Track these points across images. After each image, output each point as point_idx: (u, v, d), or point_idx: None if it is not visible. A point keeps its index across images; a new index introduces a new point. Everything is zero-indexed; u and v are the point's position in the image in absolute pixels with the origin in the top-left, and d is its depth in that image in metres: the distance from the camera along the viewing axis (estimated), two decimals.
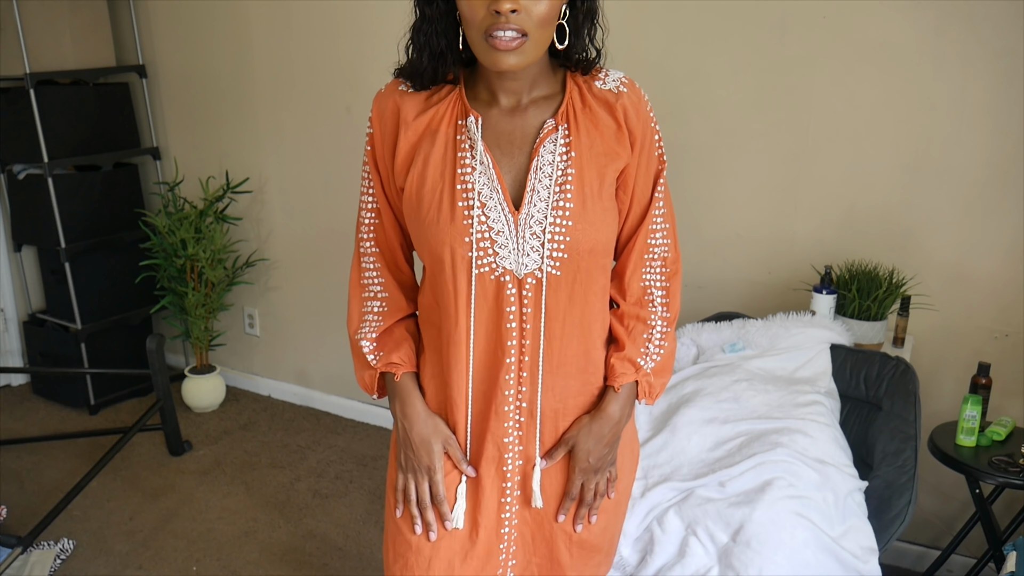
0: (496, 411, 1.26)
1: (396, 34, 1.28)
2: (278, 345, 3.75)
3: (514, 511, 1.31)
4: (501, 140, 1.22)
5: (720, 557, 1.77)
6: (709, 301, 2.71)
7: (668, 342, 1.33)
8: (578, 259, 1.21)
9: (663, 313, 1.32)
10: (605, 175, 1.22)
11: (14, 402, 3.77)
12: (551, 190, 1.20)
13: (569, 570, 1.35)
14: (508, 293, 1.21)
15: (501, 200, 1.20)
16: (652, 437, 2.03)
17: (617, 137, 1.24)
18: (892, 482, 1.93)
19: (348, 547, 2.68)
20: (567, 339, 1.25)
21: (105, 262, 3.64)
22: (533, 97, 1.23)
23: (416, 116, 1.23)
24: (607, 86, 1.25)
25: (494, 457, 1.28)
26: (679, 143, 2.67)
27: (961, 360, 2.40)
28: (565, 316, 1.24)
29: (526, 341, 1.23)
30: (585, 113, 1.23)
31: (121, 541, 2.73)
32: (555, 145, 1.21)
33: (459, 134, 1.22)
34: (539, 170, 1.20)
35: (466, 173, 1.20)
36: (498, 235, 1.20)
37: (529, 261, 1.20)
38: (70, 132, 3.50)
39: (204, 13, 3.50)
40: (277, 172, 3.53)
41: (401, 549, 1.32)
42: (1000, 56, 2.19)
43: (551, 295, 1.22)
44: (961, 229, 2.34)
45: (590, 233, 1.21)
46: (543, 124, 1.22)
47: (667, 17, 2.58)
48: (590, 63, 1.25)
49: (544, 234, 1.19)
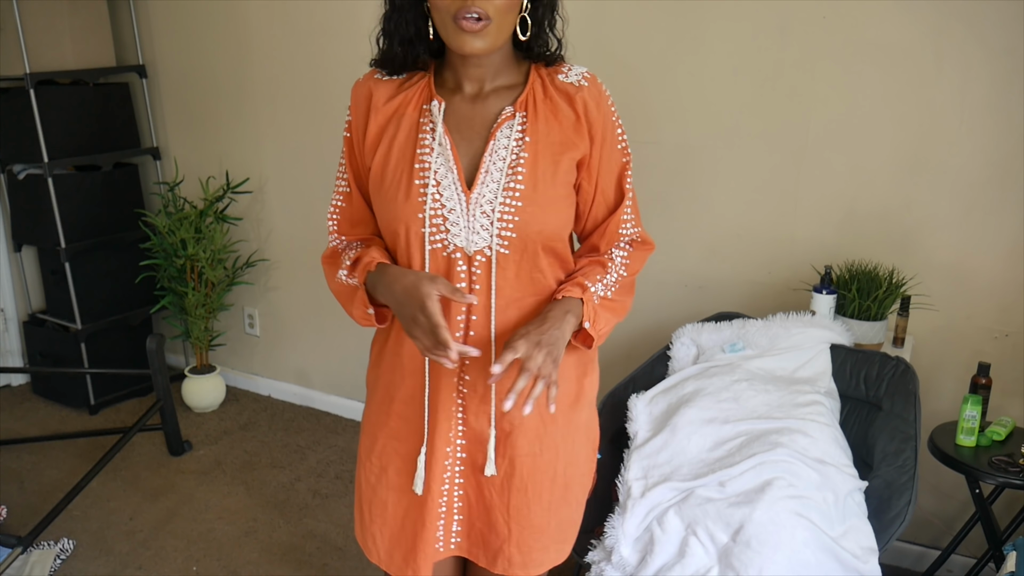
0: (444, 383, 1.33)
1: None
2: (278, 345, 3.75)
3: (457, 474, 1.38)
4: (462, 124, 1.30)
5: (720, 557, 1.77)
6: (709, 301, 2.71)
7: (621, 288, 1.38)
8: (526, 240, 1.28)
9: (620, 270, 1.38)
10: (560, 163, 1.29)
11: (14, 402, 3.77)
12: (504, 172, 1.27)
13: (508, 544, 1.39)
14: (459, 269, 1.28)
15: (455, 180, 1.27)
16: (652, 437, 2.03)
17: (576, 128, 1.30)
18: (892, 482, 1.93)
19: (348, 547, 2.68)
20: (510, 317, 1.31)
21: (105, 262, 3.64)
22: (495, 86, 1.31)
23: (387, 101, 1.32)
24: (569, 79, 1.31)
25: (444, 427, 1.35)
26: (679, 143, 2.67)
27: (961, 360, 2.40)
28: (512, 294, 1.30)
29: (474, 316, 1.30)
30: (545, 103, 1.30)
31: (121, 541, 2.73)
32: (511, 131, 1.28)
33: (423, 117, 1.30)
34: (494, 153, 1.28)
35: (425, 154, 1.28)
36: (450, 213, 1.27)
37: (479, 239, 1.27)
38: (70, 132, 3.50)
39: (204, 13, 3.50)
40: (277, 172, 3.53)
41: (377, 510, 1.42)
42: (1000, 56, 2.19)
43: (499, 272, 1.28)
44: (961, 229, 2.34)
45: (539, 216, 1.27)
46: (502, 111, 1.30)
47: (667, 17, 2.58)
48: (553, 55, 1.32)
49: (493, 213, 1.26)
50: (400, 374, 1.37)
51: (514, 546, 1.39)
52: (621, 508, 1.91)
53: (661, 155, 2.70)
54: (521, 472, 1.37)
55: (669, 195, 2.71)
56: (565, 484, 1.41)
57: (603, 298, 1.35)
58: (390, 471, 1.41)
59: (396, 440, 1.40)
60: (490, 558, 1.42)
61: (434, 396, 1.35)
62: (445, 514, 1.41)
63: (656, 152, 2.70)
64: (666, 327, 2.70)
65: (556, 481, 1.40)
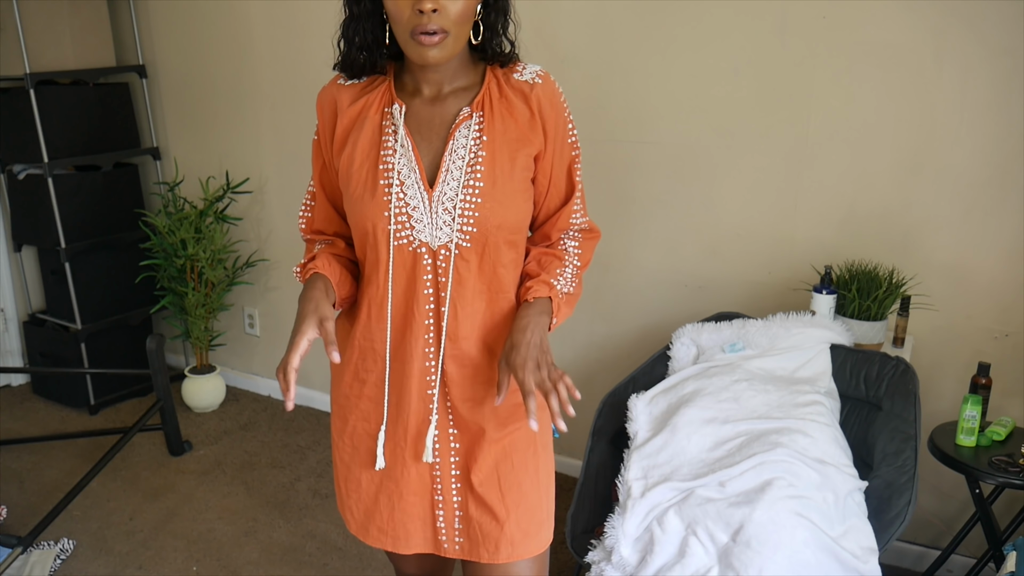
0: (412, 372, 1.38)
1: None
2: (278, 345, 3.75)
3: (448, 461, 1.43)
4: (422, 126, 1.36)
5: (720, 557, 1.77)
6: (709, 301, 2.71)
7: (577, 282, 1.46)
8: (487, 233, 1.33)
9: (574, 260, 1.46)
10: (517, 159, 1.35)
11: (14, 402, 3.77)
12: (463, 171, 1.33)
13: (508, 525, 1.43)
14: (424, 263, 1.35)
15: (418, 179, 1.33)
16: (652, 437, 2.03)
17: (530, 124, 1.36)
18: (892, 482, 1.93)
19: (348, 547, 2.68)
20: (477, 308, 1.37)
21: (105, 262, 3.64)
22: (453, 88, 1.37)
23: (350, 104, 1.39)
24: (524, 77, 1.37)
25: (419, 410, 1.40)
26: (679, 143, 2.67)
27: (961, 360, 2.40)
28: (476, 286, 1.36)
29: (443, 308, 1.36)
30: (501, 102, 1.36)
31: (121, 541, 2.73)
32: (469, 130, 1.34)
33: (384, 120, 1.36)
34: (453, 152, 1.34)
35: (388, 155, 1.34)
36: (414, 210, 1.33)
37: (442, 234, 1.33)
38: (70, 132, 3.50)
39: (204, 13, 3.50)
40: (277, 172, 3.53)
41: (352, 486, 1.49)
42: (1000, 56, 2.19)
43: (463, 265, 1.35)
44: (961, 229, 2.34)
45: (498, 211, 1.33)
46: (460, 111, 1.35)
47: (667, 17, 2.58)
48: (506, 56, 1.38)
49: (455, 210, 1.32)
50: (372, 358, 1.43)
51: (514, 524, 1.43)
52: (621, 508, 1.91)
53: (661, 155, 2.70)
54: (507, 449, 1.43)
55: (669, 195, 2.72)
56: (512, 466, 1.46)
57: (566, 294, 1.42)
58: (361, 450, 1.47)
59: (366, 422, 1.46)
60: (492, 549, 1.44)
61: (407, 380, 1.40)
62: (443, 504, 1.45)
63: (656, 152, 2.70)
64: (666, 327, 2.70)
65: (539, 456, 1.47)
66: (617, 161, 2.77)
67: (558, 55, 2.77)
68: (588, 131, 2.79)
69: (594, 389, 2.78)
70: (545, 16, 2.75)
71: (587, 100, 2.75)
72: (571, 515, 2.14)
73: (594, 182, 2.80)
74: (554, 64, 2.78)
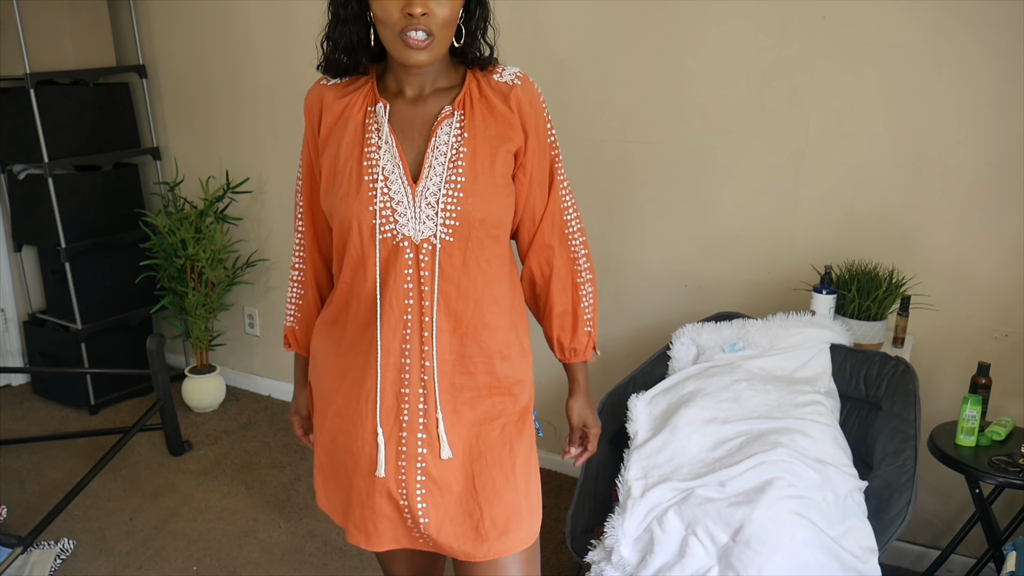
0: (396, 364, 1.40)
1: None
2: (278, 345, 3.75)
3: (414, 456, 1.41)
4: (405, 125, 1.40)
5: (720, 557, 1.77)
6: (709, 301, 2.72)
7: (595, 301, 1.58)
8: (469, 227, 1.37)
9: (588, 276, 1.56)
10: (497, 155, 1.39)
11: (14, 402, 3.77)
12: (445, 166, 1.37)
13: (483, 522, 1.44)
14: (406, 257, 1.37)
15: (402, 175, 1.37)
16: (652, 437, 2.03)
17: (510, 123, 1.41)
18: (892, 482, 1.93)
19: (348, 547, 2.68)
20: (462, 302, 1.40)
21: (105, 262, 3.64)
22: (435, 88, 1.41)
23: (334, 101, 1.44)
24: (503, 79, 1.42)
25: (392, 407, 1.41)
26: (679, 143, 2.67)
27: (961, 360, 2.40)
28: (460, 280, 1.39)
29: (426, 302, 1.38)
30: (481, 102, 1.40)
31: (121, 541, 2.73)
32: (451, 128, 1.38)
33: (368, 119, 1.41)
34: (435, 149, 1.38)
35: (372, 152, 1.38)
36: (398, 205, 1.37)
37: (425, 229, 1.37)
38: (70, 132, 3.50)
39: (204, 13, 3.50)
40: (277, 172, 3.53)
41: (330, 474, 1.54)
42: (1000, 56, 2.19)
43: (446, 259, 1.37)
44: (961, 229, 2.34)
45: (480, 206, 1.37)
46: (441, 110, 1.39)
47: (667, 17, 2.58)
48: (486, 59, 1.43)
49: (438, 204, 1.36)
50: (350, 359, 1.45)
51: (488, 522, 1.44)
52: (621, 508, 1.91)
53: (661, 155, 2.70)
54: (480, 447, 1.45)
55: (669, 195, 2.72)
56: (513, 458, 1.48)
57: (594, 327, 1.57)
58: (339, 442, 1.49)
59: (340, 418, 1.48)
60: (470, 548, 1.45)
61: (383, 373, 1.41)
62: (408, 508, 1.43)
63: (656, 152, 2.71)
64: (666, 327, 2.70)
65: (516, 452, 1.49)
66: (617, 161, 2.77)
67: (557, 55, 2.77)
68: (588, 131, 2.80)
69: (594, 389, 2.77)
70: (545, 16, 2.75)
71: (587, 100, 2.75)
72: (571, 515, 2.14)
73: (594, 182, 2.80)
74: (554, 64, 2.78)
